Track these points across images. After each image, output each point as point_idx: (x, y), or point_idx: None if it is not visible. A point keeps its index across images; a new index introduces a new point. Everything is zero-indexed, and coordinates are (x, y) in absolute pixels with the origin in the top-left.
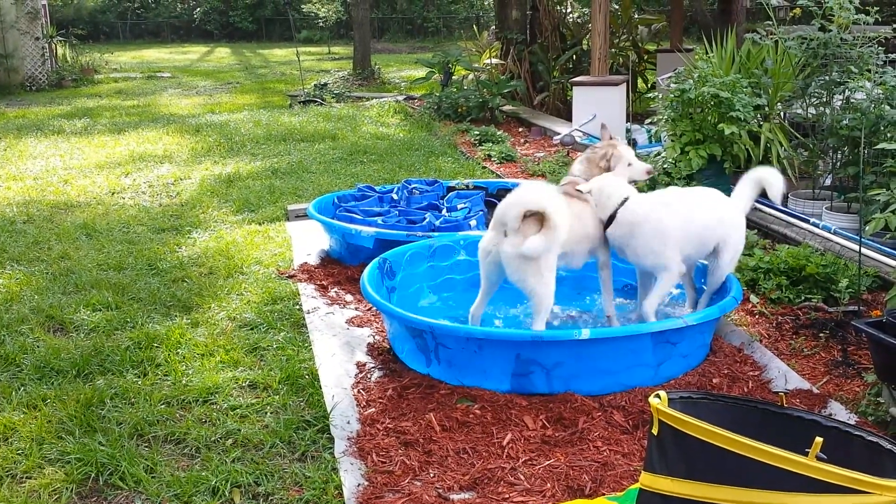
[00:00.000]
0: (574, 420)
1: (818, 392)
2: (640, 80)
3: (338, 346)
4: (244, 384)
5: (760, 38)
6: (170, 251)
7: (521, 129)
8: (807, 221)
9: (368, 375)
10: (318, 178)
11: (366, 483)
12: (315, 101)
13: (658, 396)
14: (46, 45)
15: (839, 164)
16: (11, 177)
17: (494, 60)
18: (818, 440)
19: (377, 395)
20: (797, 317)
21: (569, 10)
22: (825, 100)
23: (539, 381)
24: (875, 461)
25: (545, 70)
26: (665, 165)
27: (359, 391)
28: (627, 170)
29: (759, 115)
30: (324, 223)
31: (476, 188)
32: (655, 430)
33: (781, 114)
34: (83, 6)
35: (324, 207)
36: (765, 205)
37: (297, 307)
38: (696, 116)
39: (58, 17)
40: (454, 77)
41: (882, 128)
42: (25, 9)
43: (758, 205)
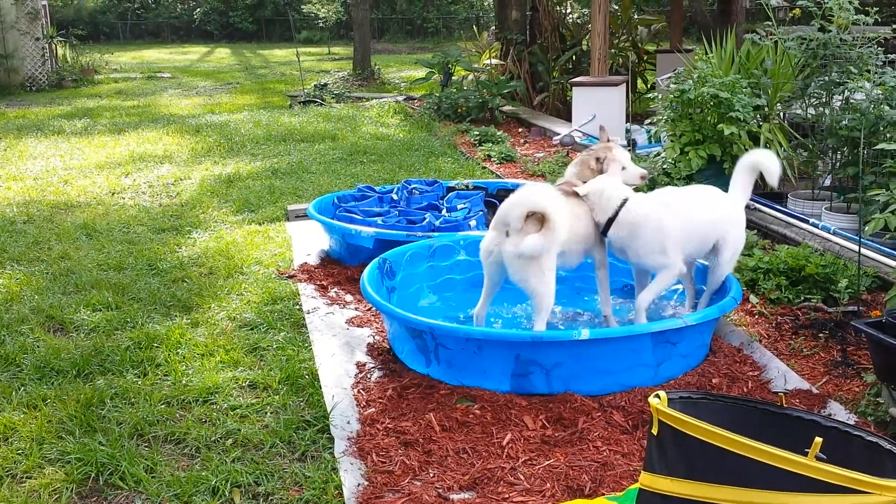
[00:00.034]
0: (574, 420)
1: (818, 392)
2: (640, 81)
3: (338, 346)
4: (244, 384)
5: (760, 39)
6: (170, 251)
7: (521, 130)
8: (806, 222)
9: (368, 375)
10: (318, 179)
11: (366, 483)
12: (315, 102)
13: (658, 396)
14: (46, 46)
15: (838, 165)
16: (12, 177)
17: (494, 61)
18: (818, 440)
19: (377, 395)
20: (797, 317)
21: (568, 11)
22: (825, 100)
23: (539, 382)
24: (874, 461)
25: (545, 70)
26: (665, 166)
27: (359, 391)
28: (621, 173)
29: (759, 116)
30: (324, 223)
31: (476, 188)
32: (655, 430)
33: (781, 114)
34: (83, 7)
35: (324, 208)
36: (764, 205)
37: (297, 307)
38: (696, 117)
39: (58, 18)
40: (454, 77)
41: (881, 128)
42: (26, 9)
43: (757, 205)
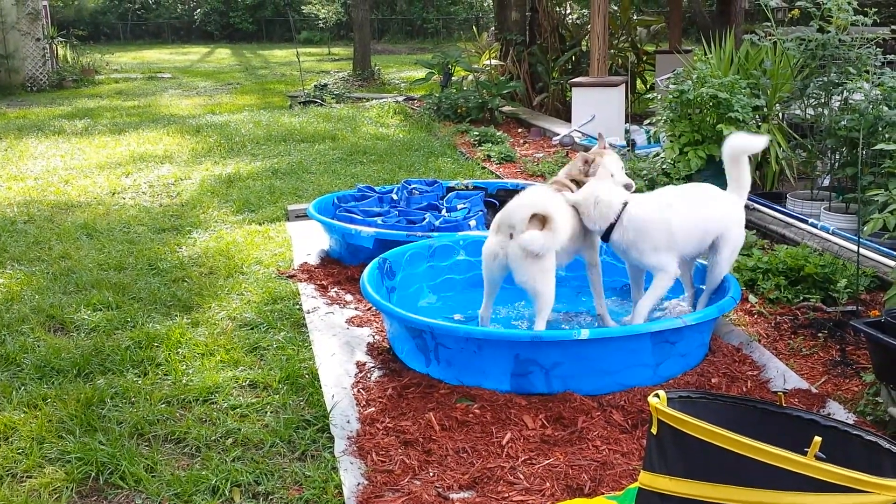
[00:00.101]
0: (573, 419)
1: (817, 392)
2: (639, 81)
3: (338, 346)
4: (244, 384)
5: (759, 40)
6: (170, 251)
7: (521, 130)
8: (805, 222)
9: (368, 375)
10: (318, 179)
11: (365, 482)
12: (315, 102)
13: (657, 396)
14: (47, 46)
15: (837, 165)
16: (12, 177)
17: (494, 61)
18: (817, 439)
19: (377, 395)
20: (796, 317)
21: (568, 12)
22: (823, 101)
23: (538, 381)
24: (873, 460)
25: (544, 71)
26: (664, 166)
27: (359, 391)
28: (609, 181)
29: (758, 116)
30: (324, 223)
31: (475, 188)
32: (654, 430)
33: (780, 115)
34: (84, 7)
35: (324, 208)
36: (763, 205)
37: (297, 307)
38: (695, 117)
39: (58, 18)
40: (454, 78)
41: (880, 128)
42: (26, 10)
43: (756, 205)
